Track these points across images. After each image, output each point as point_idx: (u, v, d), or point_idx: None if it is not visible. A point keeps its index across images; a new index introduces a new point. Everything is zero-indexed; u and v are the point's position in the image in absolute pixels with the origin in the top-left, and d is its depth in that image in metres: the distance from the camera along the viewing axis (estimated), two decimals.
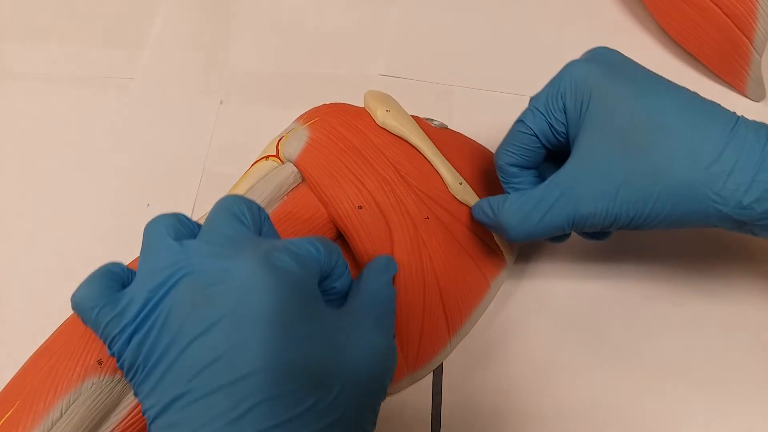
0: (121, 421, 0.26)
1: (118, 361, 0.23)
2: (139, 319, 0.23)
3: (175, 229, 0.25)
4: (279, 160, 0.32)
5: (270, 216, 0.30)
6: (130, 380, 0.23)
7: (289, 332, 0.22)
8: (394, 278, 0.30)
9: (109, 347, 0.23)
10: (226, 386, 0.21)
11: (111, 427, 0.26)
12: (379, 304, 0.27)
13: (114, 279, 0.24)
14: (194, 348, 0.22)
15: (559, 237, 0.31)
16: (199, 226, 0.26)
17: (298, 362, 0.22)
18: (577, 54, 0.32)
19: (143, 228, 0.25)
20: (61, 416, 0.25)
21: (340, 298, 0.27)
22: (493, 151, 0.36)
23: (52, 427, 0.25)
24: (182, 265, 0.23)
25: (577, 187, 0.28)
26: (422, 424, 0.32)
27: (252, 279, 0.22)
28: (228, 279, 0.22)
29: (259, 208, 0.27)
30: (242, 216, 0.25)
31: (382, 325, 0.26)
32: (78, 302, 0.24)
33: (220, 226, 0.25)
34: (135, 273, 0.25)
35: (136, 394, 0.23)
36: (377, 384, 0.25)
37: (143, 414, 0.23)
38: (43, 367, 0.27)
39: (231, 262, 0.23)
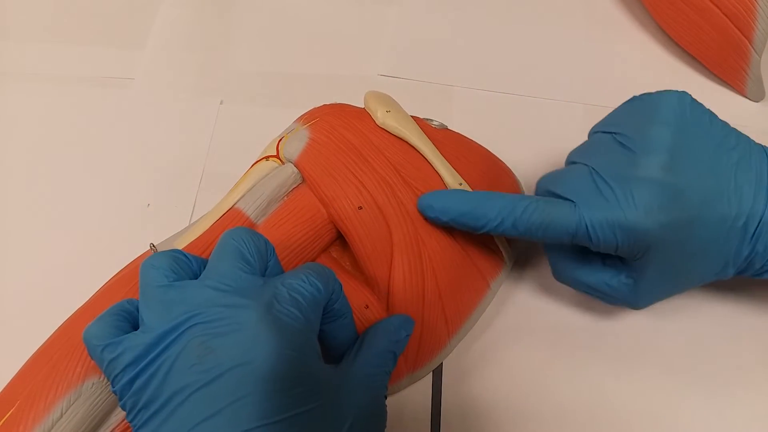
0: (122, 421, 0.27)
1: (120, 401, 0.24)
2: (143, 363, 0.23)
3: (173, 270, 0.25)
4: (279, 161, 0.32)
5: (270, 216, 0.31)
6: (131, 421, 0.23)
7: (287, 391, 0.23)
8: (393, 279, 0.30)
9: (112, 385, 0.24)
10: None
11: (111, 427, 0.26)
12: (379, 371, 0.28)
13: (125, 319, 0.25)
14: (196, 399, 0.22)
15: None
16: (196, 260, 0.26)
17: (296, 422, 0.23)
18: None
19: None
20: (62, 416, 0.25)
21: (341, 323, 0.28)
22: (493, 151, 0.36)
23: (52, 427, 0.25)
24: (190, 313, 0.23)
25: (638, 299, 0.31)
26: (422, 424, 0.32)
27: (257, 336, 0.23)
28: (233, 332, 0.23)
29: (266, 242, 0.27)
30: (249, 255, 0.26)
31: (377, 388, 0.27)
32: (87, 339, 0.24)
33: (225, 267, 0.25)
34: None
35: None
36: None
37: None
38: (44, 367, 0.27)
39: (237, 313, 0.23)
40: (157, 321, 0.24)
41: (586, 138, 0.32)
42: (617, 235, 0.28)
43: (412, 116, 0.33)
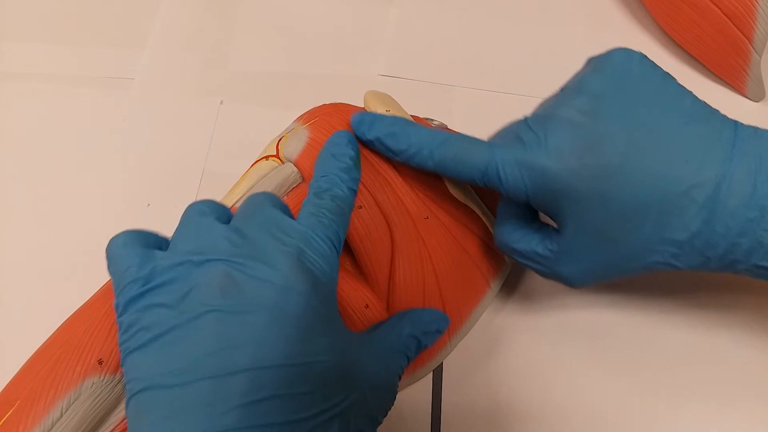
0: (122, 421, 0.26)
1: (118, 315, 0.23)
2: (160, 280, 0.22)
3: (215, 211, 0.25)
4: (279, 160, 0.32)
5: None
6: (124, 342, 0.22)
7: (312, 339, 0.22)
8: (393, 278, 0.30)
9: (117, 295, 0.23)
10: (241, 373, 0.21)
11: (111, 427, 0.26)
12: (400, 352, 0.27)
13: (151, 237, 0.25)
14: (212, 329, 0.21)
15: None
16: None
17: (314, 370, 0.22)
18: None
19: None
20: (62, 416, 0.25)
21: None
22: None
23: (52, 427, 0.25)
24: (218, 247, 0.23)
25: (564, 269, 0.29)
26: (422, 424, 0.32)
27: (289, 281, 0.22)
28: (263, 275, 0.22)
29: (282, 202, 0.27)
30: (276, 203, 0.26)
31: (394, 368, 0.27)
32: (112, 246, 0.24)
33: (255, 212, 0.25)
34: (168, 242, 0.25)
35: (122, 362, 0.23)
36: (377, 412, 0.25)
37: (124, 386, 0.22)
38: (43, 367, 0.27)
39: (267, 256, 0.23)
40: (184, 245, 0.23)
41: None
42: (524, 176, 0.26)
43: (412, 116, 0.33)
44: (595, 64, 0.29)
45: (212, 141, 0.41)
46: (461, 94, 0.43)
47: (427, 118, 0.35)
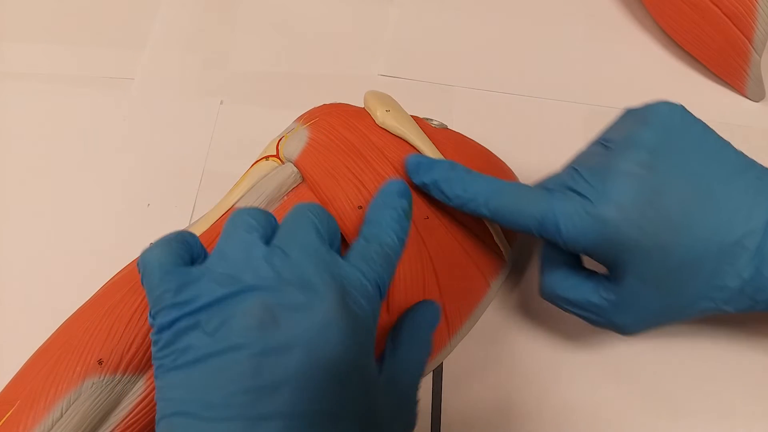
0: (122, 421, 0.27)
1: (154, 332, 0.23)
2: (197, 305, 0.22)
3: (263, 226, 0.24)
4: (279, 160, 0.32)
5: None
6: (159, 359, 0.22)
7: (344, 384, 0.22)
8: (393, 278, 0.30)
9: (153, 314, 0.23)
10: (273, 420, 0.21)
11: (111, 427, 0.26)
12: (415, 379, 0.28)
13: (187, 249, 0.24)
14: (246, 366, 0.21)
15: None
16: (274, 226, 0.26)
17: (345, 416, 0.22)
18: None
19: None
20: (62, 416, 0.25)
21: None
22: (494, 151, 0.36)
23: (52, 427, 0.25)
24: (259, 273, 0.23)
25: (619, 318, 0.29)
26: (422, 424, 0.32)
27: (329, 318, 0.22)
28: (305, 311, 0.22)
29: (336, 228, 0.26)
30: (322, 230, 0.25)
31: (412, 395, 0.27)
32: (148, 262, 0.23)
33: (301, 237, 0.24)
34: (206, 253, 0.25)
35: (156, 377, 0.23)
36: None
37: (156, 402, 0.22)
38: (44, 367, 0.27)
39: (310, 294, 0.22)
40: (227, 267, 0.23)
41: (585, 138, 0.32)
42: (585, 228, 0.26)
43: (412, 116, 0.33)
44: (642, 117, 0.29)
45: (212, 141, 0.41)
46: (461, 94, 0.43)
47: (426, 118, 0.35)
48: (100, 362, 0.26)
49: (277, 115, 0.37)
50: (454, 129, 0.36)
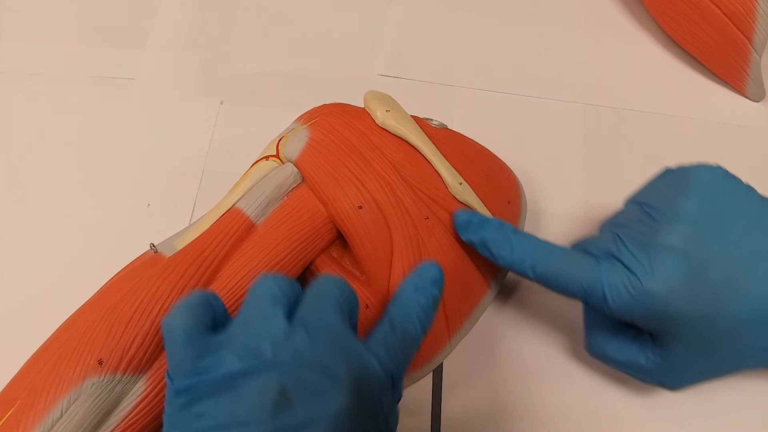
0: (121, 421, 0.27)
1: (171, 387, 0.23)
2: (213, 375, 0.22)
3: (287, 297, 0.25)
4: (279, 160, 0.32)
5: (270, 216, 0.31)
6: (170, 419, 0.23)
7: None
8: (393, 278, 0.30)
9: (171, 378, 0.23)
10: None
11: (111, 427, 0.26)
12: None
13: (209, 313, 0.25)
14: None
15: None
16: (297, 294, 0.26)
17: None
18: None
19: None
20: (62, 416, 0.25)
21: None
22: (494, 151, 0.36)
23: (52, 427, 0.25)
24: (278, 349, 0.23)
25: (666, 378, 0.29)
26: (422, 424, 0.32)
27: (344, 407, 0.22)
28: (322, 398, 0.22)
29: (353, 293, 0.26)
30: (344, 307, 0.25)
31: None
32: (172, 328, 0.24)
33: (324, 315, 0.24)
34: (229, 319, 0.25)
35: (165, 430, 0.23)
36: None
37: None
38: (44, 367, 0.27)
39: (329, 381, 0.23)
40: (248, 340, 0.23)
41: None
42: (632, 300, 0.27)
43: (412, 116, 0.33)
44: (683, 184, 0.29)
45: (212, 141, 0.41)
46: (461, 94, 0.43)
47: (426, 118, 0.35)
48: (100, 362, 0.26)
49: (277, 115, 0.37)
50: (454, 129, 0.36)
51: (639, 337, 0.29)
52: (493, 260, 0.31)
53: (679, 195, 0.28)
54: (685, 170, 0.30)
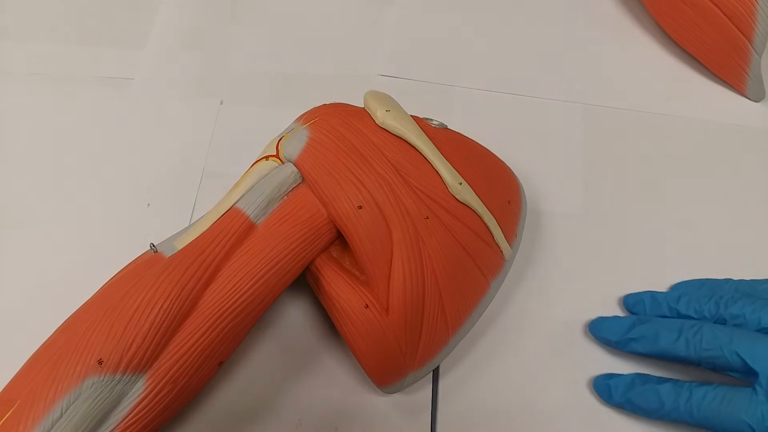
0: (121, 421, 0.27)
1: None
2: None
3: None
4: (279, 160, 0.32)
5: (270, 216, 0.31)
6: None
7: None
8: (393, 278, 0.30)
9: None
10: None
11: (111, 427, 0.26)
12: None
13: None
14: None
15: None
16: None
17: None
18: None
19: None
20: (62, 416, 0.25)
21: None
22: (494, 151, 0.36)
23: (52, 427, 0.25)
24: None
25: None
26: (422, 424, 0.32)
27: None
28: None
29: None
30: None
31: None
32: None
33: None
34: None
35: None
36: None
37: None
38: (44, 367, 0.27)
39: None
40: None
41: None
42: None
43: (412, 116, 0.33)
44: None
45: (212, 141, 0.41)
46: (461, 94, 0.43)
47: (426, 118, 0.35)
48: (100, 362, 0.26)
49: (277, 115, 0.37)
50: (454, 129, 0.36)
51: None
52: (644, 415, 0.31)
53: None
54: None
